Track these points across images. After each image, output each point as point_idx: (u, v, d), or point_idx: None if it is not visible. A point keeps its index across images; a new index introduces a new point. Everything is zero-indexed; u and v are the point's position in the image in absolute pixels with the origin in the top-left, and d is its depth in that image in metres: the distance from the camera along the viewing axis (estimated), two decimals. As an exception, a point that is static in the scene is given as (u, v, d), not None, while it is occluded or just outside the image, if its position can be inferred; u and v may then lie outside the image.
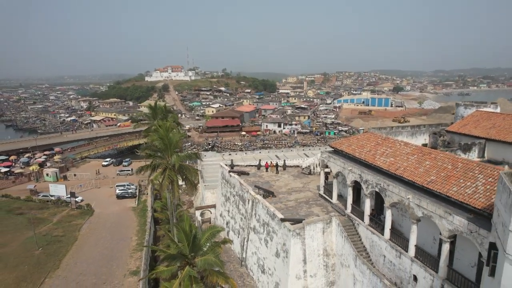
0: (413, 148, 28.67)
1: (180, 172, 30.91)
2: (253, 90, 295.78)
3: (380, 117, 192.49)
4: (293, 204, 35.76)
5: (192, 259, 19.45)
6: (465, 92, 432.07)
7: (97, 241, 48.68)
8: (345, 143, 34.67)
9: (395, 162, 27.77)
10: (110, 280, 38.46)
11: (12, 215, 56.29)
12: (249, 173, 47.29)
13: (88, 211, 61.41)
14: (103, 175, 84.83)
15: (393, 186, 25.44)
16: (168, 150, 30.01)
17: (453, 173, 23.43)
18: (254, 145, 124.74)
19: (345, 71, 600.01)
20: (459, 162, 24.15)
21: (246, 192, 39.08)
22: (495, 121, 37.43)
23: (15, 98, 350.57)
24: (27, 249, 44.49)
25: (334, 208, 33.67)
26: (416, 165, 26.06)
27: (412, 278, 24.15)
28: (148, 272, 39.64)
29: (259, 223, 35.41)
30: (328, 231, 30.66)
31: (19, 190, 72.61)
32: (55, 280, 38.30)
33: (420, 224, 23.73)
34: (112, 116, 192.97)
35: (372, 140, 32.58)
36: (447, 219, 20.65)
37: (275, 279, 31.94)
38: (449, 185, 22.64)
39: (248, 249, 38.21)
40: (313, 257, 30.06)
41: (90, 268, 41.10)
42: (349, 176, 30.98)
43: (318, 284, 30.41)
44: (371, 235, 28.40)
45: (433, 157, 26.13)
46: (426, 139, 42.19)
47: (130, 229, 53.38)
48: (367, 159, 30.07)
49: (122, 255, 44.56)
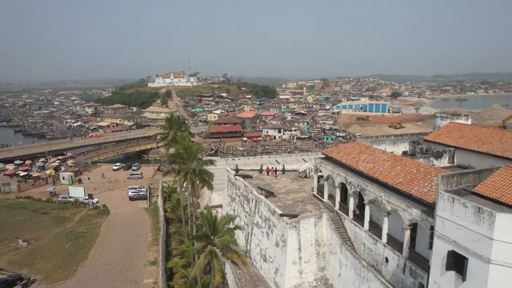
0: (388, 155, 34.86)
1: (199, 175, 37.06)
2: (253, 96, 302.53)
3: (377, 123, 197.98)
4: (291, 202, 41.89)
5: (212, 240, 25.48)
6: (463, 98, 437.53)
7: (117, 237, 54.75)
8: (335, 150, 40.88)
9: (373, 167, 33.93)
10: (133, 269, 44.54)
11: (38, 214, 62.36)
12: (252, 176, 53.43)
13: (105, 211, 67.46)
14: (114, 178, 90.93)
15: (370, 186, 31.59)
16: (189, 157, 36.19)
17: (416, 176, 29.57)
18: (255, 150, 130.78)
19: (344, 77, 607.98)
20: (422, 167, 30.30)
21: (250, 192, 45.19)
22: (464, 132, 43.59)
23: (20, 103, 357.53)
24: (58, 242, 50.63)
25: (325, 206, 39.80)
26: (389, 170, 32.21)
27: (384, 259, 30.23)
28: (165, 262, 45.74)
29: (262, 219, 41.52)
30: (319, 224, 36.74)
31: (39, 192, 78.88)
32: (85, 268, 44.42)
33: (391, 217, 29.80)
34: (117, 121, 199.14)
35: (357, 149, 38.78)
36: (408, 211, 26.79)
37: (275, 265, 37.99)
38: (412, 185, 28.76)
39: (252, 242, 44.26)
40: (306, 246, 36.13)
41: (114, 259, 47.20)
42: (337, 178, 37.13)
43: (311, 269, 36.46)
44: (354, 227, 34.51)
45: (403, 163, 32.28)
46: (407, 147, 48.26)
47: (145, 226, 59.42)
48: (351, 165, 36.23)
49: (141, 248, 50.63)
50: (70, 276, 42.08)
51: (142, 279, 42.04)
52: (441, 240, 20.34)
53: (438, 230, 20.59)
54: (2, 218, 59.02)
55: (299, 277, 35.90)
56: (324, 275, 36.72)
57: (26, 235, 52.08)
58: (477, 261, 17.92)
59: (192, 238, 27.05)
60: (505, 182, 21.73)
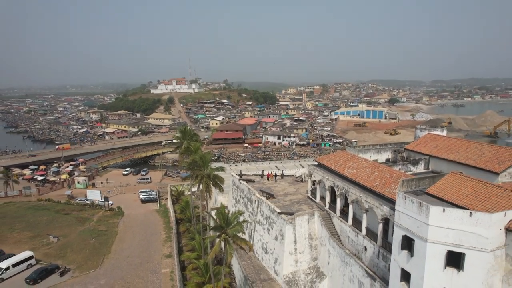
0: (369, 163, 41.76)
1: (213, 180, 43.90)
2: (254, 103, 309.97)
3: (374, 129, 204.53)
4: (288, 203, 48.70)
5: (225, 230, 32.18)
6: (459, 104, 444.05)
7: (134, 235, 61.50)
8: (325, 158, 47.81)
9: (356, 173, 40.79)
10: (151, 261, 51.29)
11: (61, 215, 69.15)
12: (254, 181, 60.22)
13: (119, 213, 74.25)
14: (126, 183, 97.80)
15: (353, 189, 38.43)
16: (204, 165, 43.03)
17: (389, 180, 36.41)
18: (256, 156, 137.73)
19: (343, 82, 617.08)
20: (394, 173, 37.18)
21: (253, 194, 52.01)
22: (438, 142, 50.47)
23: (25, 109, 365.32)
24: (83, 239, 57.40)
25: (317, 206, 46.60)
26: (369, 175, 39.07)
27: (364, 248, 36.99)
28: (179, 255, 52.42)
29: (263, 217, 48.31)
30: (312, 221, 43.52)
31: (57, 195, 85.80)
32: (110, 260, 51.20)
33: (369, 214, 36.57)
34: (123, 127, 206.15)
35: (344, 157, 45.70)
36: (380, 208, 33.62)
37: (274, 256, 44.71)
38: (385, 187, 35.58)
39: (254, 238, 50.99)
40: (301, 239, 42.88)
41: (133, 252, 53.96)
42: (327, 182, 43.97)
43: (305, 258, 43.19)
44: (341, 223, 41.29)
45: (380, 169, 39.17)
46: (389, 155, 55.22)
47: (158, 226, 66.19)
48: (339, 171, 43.08)
49: (156, 244, 57.38)
50: (98, 266, 48.92)
51: (160, 269, 48.82)
52: (398, 227, 27.14)
53: (396, 220, 27.41)
54: (30, 218, 65.81)
55: (295, 266, 42.62)
56: (316, 264, 43.44)
57: (54, 233, 58.83)
58: (419, 241, 24.67)
59: (211, 229, 33.73)
60: (448, 185, 28.71)
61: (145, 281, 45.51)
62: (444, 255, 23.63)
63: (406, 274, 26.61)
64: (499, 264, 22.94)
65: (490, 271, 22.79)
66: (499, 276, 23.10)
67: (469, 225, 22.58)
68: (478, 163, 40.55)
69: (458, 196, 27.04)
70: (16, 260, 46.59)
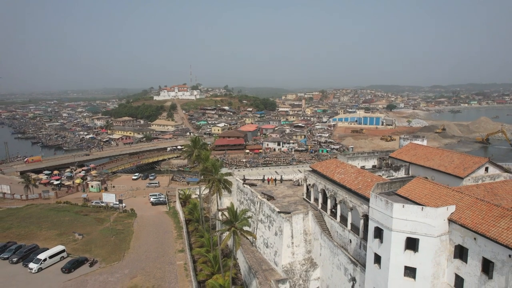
0: (355, 169, 49.02)
1: (222, 183, 51.14)
2: (254, 109, 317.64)
3: (370, 135, 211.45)
4: (286, 204, 55.87)
5: (234, 223, 39.34)
6: (456, 109, 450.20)
7: (148, 233, 68.52)
8: (318, 165, 55.08)
9: (344, 177, 48.01)
10: (166, 255, 58.37)
11: (80, 216, 76.14)
12: (256, 185, 67.44)
13: (133, 214, 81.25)
14: (136, 187, 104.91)
15: (340, 191, 45.65)
16: (215, 171, 50.34)
17: (370, 184, 43.52)
18: (257, 162, 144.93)
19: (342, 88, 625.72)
20: (374, 178, 44.38)
21: (255, 197, 59.18)
22: (417, 151, 57.72)
23: (30, 115, 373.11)
24: (104, 236, 64.47)
25: (311, 206, 53.78)
26: (354, 179, 46.27)
27: (349, 241, 44.11)
28: (190, 250, 59.49)
29: (264, 216, 55.46)
30: (306, 219, 50.65)
31: (73, 198, 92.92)
32: (130, 254, 58.27)
33: (353, 211, 43.69)
34: (128, 134, 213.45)
35: (334, 164, 52.96)
36: (362, 206, 40.80)
37: (274, 249, 51.81)
38: (367, 189, 42.68)
39: (257, 234, 58.04)
40: (297, 234, 49.99)
41: (150, 248, 61.00)
42: (319, 186, 51.20)
43: (301, 251, 50.28)
44: (331, 220, 48.44)
45: (363, 175, 46.39)
46: (375, 161, 62.44)
47: (169, 225, 73.20)
48: (329, 176, 50.28)
49: (169, 241, 64.40)
50: (121, 259, 56.01)
51: (175, 261, 55.88)
52: (372, 221, 34.34)
53: (370, 215, 34.62)
54: (54, 218, 72.85)
55: (292, 257, 49.73)
56: (310, 256, 50.55)
57: (78, 231, 65.89)
58: (387, 231, 31.86)
59: (224, 223, 40.92)
60: (413, 187, 36.03)
61: (163, 271, 52.60)
62: (404, 241, 30.88)
63: (377, 257, 33.85)
64: (444, 246, 30.17)
65: (437, 252, 30.03)
66: (444, 255, 30.33)
67: (421, 217, 29.83)
68: (447, 169, 47.87)
69: (419, 196, 34.36)
70: (52, 253, 53.72)
